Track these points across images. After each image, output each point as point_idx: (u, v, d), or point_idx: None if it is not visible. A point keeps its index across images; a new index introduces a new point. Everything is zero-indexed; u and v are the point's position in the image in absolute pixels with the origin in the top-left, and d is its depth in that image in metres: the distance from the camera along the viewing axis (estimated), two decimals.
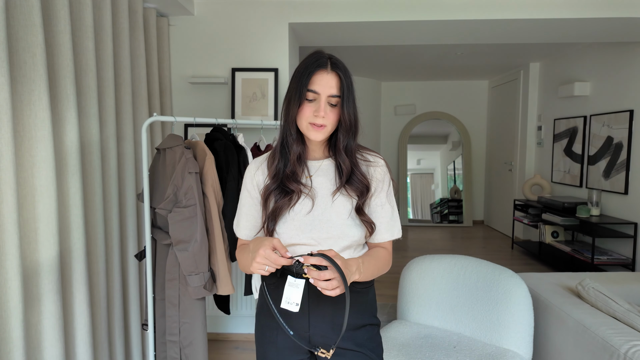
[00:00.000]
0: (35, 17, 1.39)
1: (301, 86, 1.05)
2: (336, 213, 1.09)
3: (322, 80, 1.04)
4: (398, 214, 1.18)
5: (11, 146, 1.29)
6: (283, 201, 1.07)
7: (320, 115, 1.03)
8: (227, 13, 2.75)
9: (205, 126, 2.62)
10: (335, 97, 1.05)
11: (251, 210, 1.15)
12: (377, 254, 1.12)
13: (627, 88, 3.66)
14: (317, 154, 1.15)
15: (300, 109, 1.06)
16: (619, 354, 1.38)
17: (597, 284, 1.72)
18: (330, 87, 1.04)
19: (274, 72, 2.71)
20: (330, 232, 1.07)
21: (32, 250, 1.44)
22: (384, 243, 1.16)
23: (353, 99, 1.07)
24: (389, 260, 1.15)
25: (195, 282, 1.67)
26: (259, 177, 1.14)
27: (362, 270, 1.01)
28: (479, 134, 6.46)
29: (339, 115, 1.07)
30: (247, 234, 1.16)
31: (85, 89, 1.75)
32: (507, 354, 1.70)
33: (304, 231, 1.07)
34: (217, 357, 2.56)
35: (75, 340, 1.66)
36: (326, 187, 1.10)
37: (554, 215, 4.10)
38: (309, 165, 1.13)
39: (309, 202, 1.08)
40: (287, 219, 1.08)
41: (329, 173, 1.12)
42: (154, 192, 1.82)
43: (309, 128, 1.06)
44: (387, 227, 1.14)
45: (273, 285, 1.11)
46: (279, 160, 1.11)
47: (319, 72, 1.05)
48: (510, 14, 2.73)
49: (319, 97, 1.05)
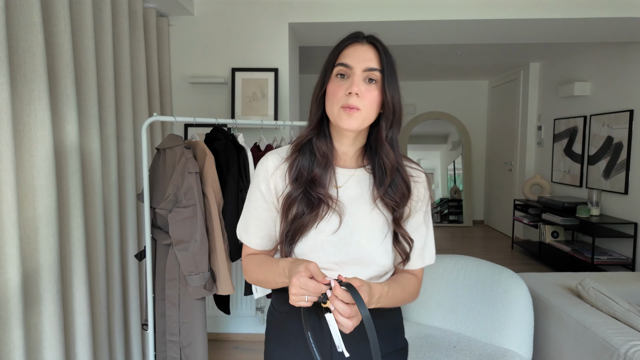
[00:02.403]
0: (35, 17, 1.39)
1: (331, 60, 0.87)
2: (367, 236, 0.89)
3: (356, 52, 0.85)
4: (433, 236, 0.99)
5: (11, 146, 1.29)
6: (309, 217, 0.87)
7: (353, 89, 0.83)
8: (227, 13, 2.75)
9: (205, 126, 2.62)
10: (373, 70, 0.84)
11: (264, 216, 0.94)
12: (405, 282, 0.94)
13: (627, 88, 3.66)
14: (348, 160, 0.94)
15: (329, 89, 0.86)
16: (619, 354, 1.38)
17: (597, 284, 1.72)
18: (367, 59, 0.84)
19: (274, 72, 2.71)
20: (357, 257, 0.89)
21: (32, 250, 1.44)
22: (415, 270, 0.98)
23: (397, 80, 0.88)
24: (417, 290, 0.97)
25: (195, 282, 1.67)
26: (278, 180, 0.92)
27: (384, 301, 0.84)
28: (479, 133, 6.46)
29: (379, 100, 0.86)
30: (258, 243, 0.96)
31: (85, 89, 1.74)
32: (507, 354, 1.70)
33: (327, 253, 0.89)
34: (217, 357, 2.56)
35: (75, 340, 1.66)
36: (357, 204, 0.90)
37: (554, 215, 4.10)
38: (338, 173, 0.92)
39: (336, 218, 0.88)
40: (308, 237, 0.88)
41: (362, 186, 0.92)
42: (154, 192, 1.82)
43: (341, 114, 0.84)
44: (420, 252, 0.95)
45: (287, 314, 0.95)
46: (302, 158, 0.90)
47: (352, 44, 0.87)
48: (510, 14, 2.73)
49: (352, 72, 0.85)
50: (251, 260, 0.97)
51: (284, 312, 0.96)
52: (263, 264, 0.92)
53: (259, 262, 0.94)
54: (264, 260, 0.93)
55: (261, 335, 2.77)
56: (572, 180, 4.38)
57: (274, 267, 0.88)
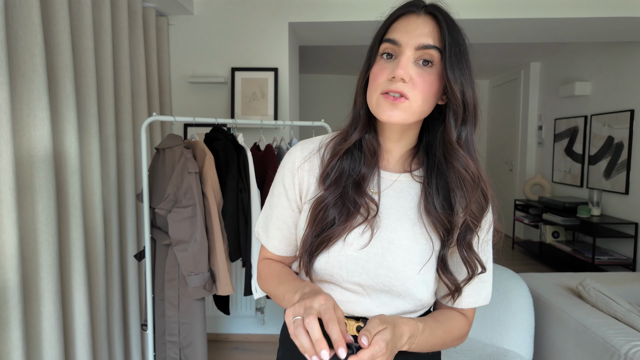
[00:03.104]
0: (35, 17, 1.39)
1: (377, 36, 0.70)
2: (404, 259, 0.71)
3: (409, 25, 0.66)
4: (492, 272, 0.79)
5: (10, 146, 1.29)
6: (341, 228, 0.70)
7: (398, 73, 0.63)
8: (226, 12, 2.74)
9: (205, 126, 2.62)
10: (428, 48, 0.65)
11: (284, 215, 0.79)
12: (449, 322, 0.74)
13: (627, 88, 3.66)
14: (392, 161, 0.77)
15: (371, 73, 0.68)
16: (619, 354, 1.37)
17: (597, 284, 1.72)
18: (421, 34, 0.65)
19: (274, 72, 2.71)
20: (386, 284, 0.71)
21: (32, 251, 1.44)
22: (466, 310, 0.78)
23: (466, 64, 0.67)
24: (465, 334, 0.77)
25: (194, 283, 1.67)
26: (304, 174, 0.76)
27: (418, 343, 0.66)
28: (479, 133, 6.41)
29: (437, 88, 0.67)
30: (277, 247, 0.81)
31: (84, 88, 1.74)
32: (507, 354, 1.70)
33: (351, 273, 0.71)
34: (216, 357, 2.56)
35: (74, 340, 1.65)
36: (395, 216, 0.73)
37: (554, 215, 4.09)
38: (380, 177, 0.75)
39: (368, 230, 0.71)
40: (332, 250, 0.72)
41: (405, 195, 0.74)
42: (154, 192, 1.82)
43: (381, 102, 0.66)
44: (473, 289, 0.76)
45: None
46: (346, 158, 0.73)
47: (405, 15, 0.68)
48: (510, 14, 2.72)
49: (401, 51, 0.66)
50: (270, 268, 0.81)
51: None
52: (284, 281, 0.74)
53: (280, 276, 0.77)
54: (287, 277, 0.76)
55: (261, 335, 2.77)
56: (572, 180, 4.37)
57: (285, 279, 0.75)
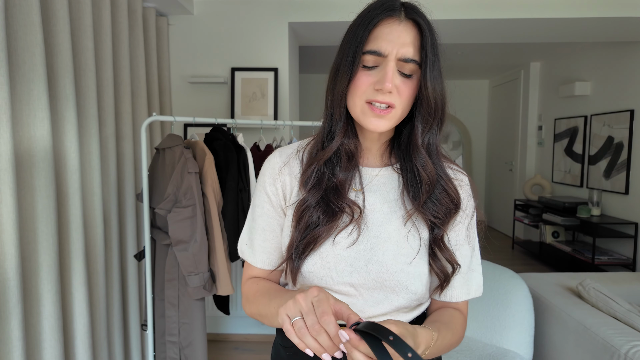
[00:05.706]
0: (35, 17, 1.39)
1: (356, 43, 0.67)
2: (393, 252, 0.70)
3: (392, 33, 0.65)
4: (480, 260, 0.79)
5: (10, 146, 1.28)
6: (326, 228, 0.69)
7: (386, 87, 0.64)
8: (226, 12, 2.74)
9: (205, 126, 2.62)
10: (411, 62, 0.66)
11: (272, 224, 0.76)
12: (454, 323, 0.73)
13: (627, 88, 3.66)
14: (372, 157, 0.77)
15: (353, 82, 0.67)
16: (619, 354, 1.37)
17: (597, 284, 1.72)
18: (404, 44, 0.65)
19: (274, 72, 2.71)
20: (379, 280, 0.70)
21: (32, 251, 1.44)
22: (459, 304, 0.77)
23: (439, 66, 0.69)
24: (464, 331, 0.76)
25: (194, 283, 1.67)
26: (285, 178, 0.75)
27: (429, 353, 0.64)
28: (479, 133, 6.45)
29: (415, 93, 0.68)
30: (265, 260, 0.77)
31: (84, 88, 1.74)
32: (507, 354, 1.69)
33: (341, 273, 0.70)
34: (216, 357, 2.56)
35: (74, 340, 1.65)
36: (381, 210, 0.73)
37: (554, 215, 4.09)
38: (362, 174, 0.75)
39: (355, 228, 0.71)
40: (320, 252, 0.71)
41: (388, 189, 0.74)
42: (154, 192, 1.82)
43: (366, 111, 0.67)
44: (463, 279, 0.75)
45: (292, 350, 0.77)
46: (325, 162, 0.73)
47: (385, 20, 0.66)
48: (510, 14, 2.72)
49: (385, 62, 0.66)
50: (258, 287, 0.75)
51: (289, 347, 0.77)
52: (276, 296, 0.69)
53: (270, 292, 0.72)
54: (278, 292, 0.71)
55: (261, 335, 2.77)
56: (572, 180, 4.37)
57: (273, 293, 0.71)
